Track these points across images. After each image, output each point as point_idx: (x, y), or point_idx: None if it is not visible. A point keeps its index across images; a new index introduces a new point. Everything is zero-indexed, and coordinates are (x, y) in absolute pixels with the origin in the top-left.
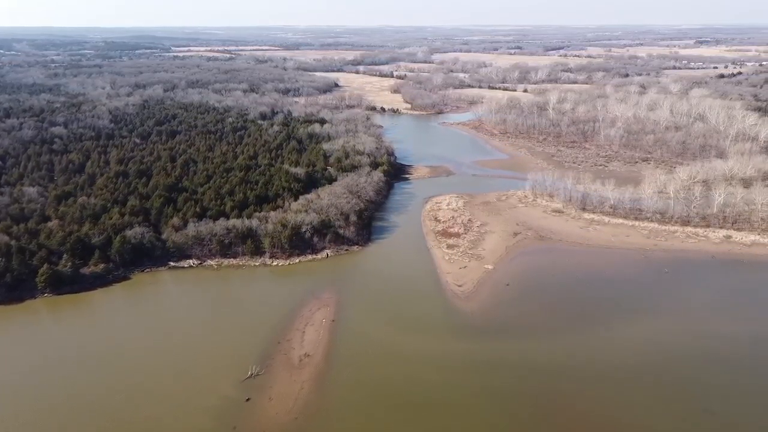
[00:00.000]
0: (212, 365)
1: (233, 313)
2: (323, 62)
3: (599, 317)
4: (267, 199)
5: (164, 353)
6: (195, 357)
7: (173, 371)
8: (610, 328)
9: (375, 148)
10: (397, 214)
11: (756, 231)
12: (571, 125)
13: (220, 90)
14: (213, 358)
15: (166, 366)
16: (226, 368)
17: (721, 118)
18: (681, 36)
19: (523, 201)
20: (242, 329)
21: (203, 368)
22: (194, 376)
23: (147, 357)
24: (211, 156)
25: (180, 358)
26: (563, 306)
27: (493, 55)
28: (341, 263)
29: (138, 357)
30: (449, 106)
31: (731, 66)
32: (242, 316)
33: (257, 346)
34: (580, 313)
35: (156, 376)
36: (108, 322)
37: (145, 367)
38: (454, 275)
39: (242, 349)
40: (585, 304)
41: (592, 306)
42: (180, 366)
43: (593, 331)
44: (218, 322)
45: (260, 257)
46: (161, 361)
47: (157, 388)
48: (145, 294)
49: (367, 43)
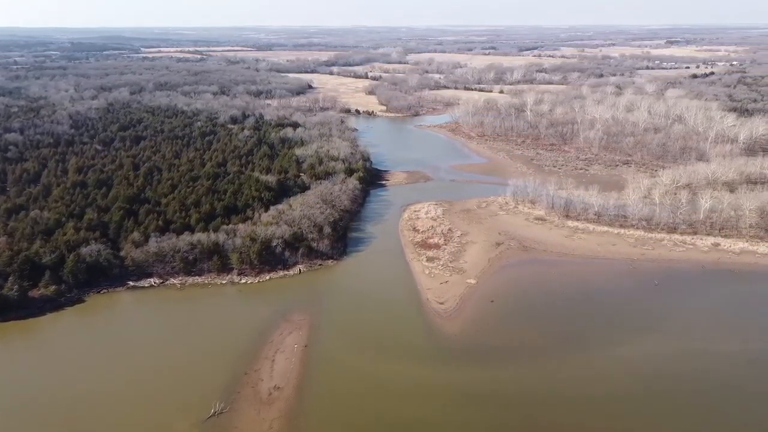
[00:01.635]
0: (171, 402)
1: (196, 340)
2: (296, 63)
3: (589, 337)
4: (236, 210)
5: (117, 389)
6: (152, 393)
7: (126, 411)
8: (601, 350)
9: (350, 153)
10: (374, 224)
11: (744, 238)
12: (550, 127)
13: (189, 92)
14: (172, 394)
15: (118, 405)
16: (187, 405)
17: (699, 119)
18: (651, 36)
19: (505, 208)
20: (206, 358)
21: (161, 406)
22: (150, 416)
23: (97, 394)
24: (177, 163)
25: (135, 394)
26: (551, 325)
27: (468, 56)
28: (315, 280)
29: (87, 394)
30: (425, 108)
31: (703, 66)
32: (206, 343)
33: (222, 377)
34: (569, 333)
35: (107, 417)
36: (56, 352)
37: (94, 406)
38: (435, 291)
39: (205, 382)
40: (574, 322)
41: (581, 324)
42: (135, 404)
43: (584, 353)
44: (179, 350)
45: (228, 274)
46: (113, 398)
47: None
48: (100, 319)
49: (341, 44)
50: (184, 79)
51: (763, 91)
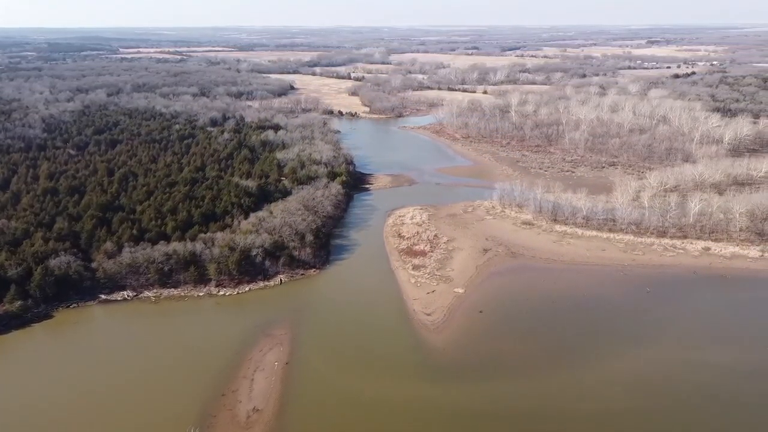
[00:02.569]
0: (142, 428)
1: (171, 358)
2: (278, 64)
3: (582, 350)
4: (214, 217)
5: (85, 413)
6: (122, 417)
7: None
8: (595, 363)
9: (333, 156)
10: (358, 230)
11: (734, 242)
12: (535, 129)
13: (168, 94)
14: (143, 419)
15: (84, 430)
16: (160, 431)
17: (684, 119)
18: (632, 36)
19: (491, 212)
20: (181, 378)
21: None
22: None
23: (62, 418)
24: (154, 168)
25: (104, 418)
26: (542, 337)
27: (451, 56)
28: (296, 291)
29: (54, 419)
30: (409, 109)
31: (684, 66)
32: (181, 361)
33: (198, 399)
34: (561, 345)
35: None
36: (20, 373)
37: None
38: (421, 302)
39: (179, 405)
40: (566, 334)
41: (574, 336)
42: (103, 429)
43: (578, 367)
44: (153, 369)
45: (205, 286)
46: (79, 423)
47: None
48: (69, 336)
49: (324, 44)
50: (163, 81)
51: (745, 91)
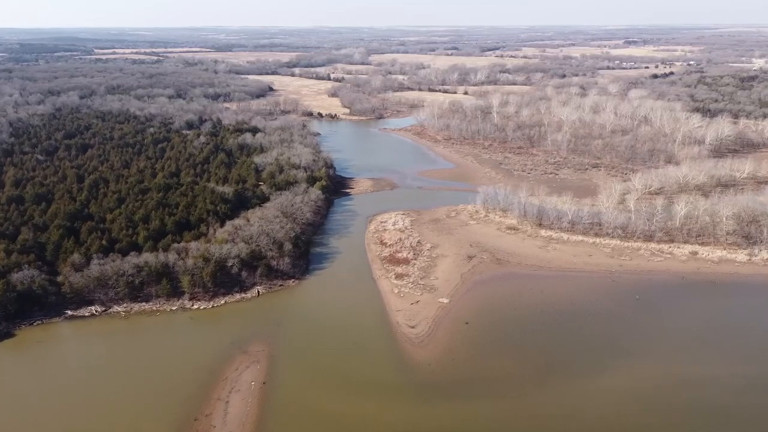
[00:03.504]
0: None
1: (141, 378)
2: (257, 64)
3: (572, 364)
4: (188, 225)
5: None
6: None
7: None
8: (587, 378)
9: (312, 160)
10: (338, 237)
11: (722, 246)
12: (517, 130)
13: (143, 96)
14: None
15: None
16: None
17: (665, 120)
18: (609, 36)
19: (475, 217)
20: (151, 401)
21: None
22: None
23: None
24: (126, 174)
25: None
26: (531, 350)
27: (431, 56)
28: (274, 303)
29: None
30: (389, 111)
31: (662, 66)
32: (152, 382)
33: (169, 424)
34: (550, 359)
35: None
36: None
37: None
38: (405, 313)
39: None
40: (555, 346)
41: (563, 349)
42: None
43: (568, 383)
44: (121, 391)
45: (178, 299)
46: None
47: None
48: (32, 355)
49: (303, 45)
50: (138, 82)
51: (723, 90)
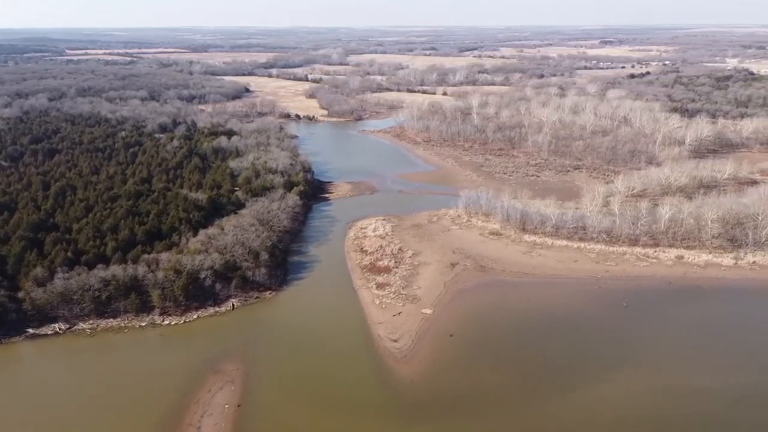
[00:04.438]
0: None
1: (107, 402)
2: (233, 65)
3: (561, 376)
4: (160, 234)
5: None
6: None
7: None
8: (576, 393)
9: (290, 164)
10: (317, 245)
11: (707, 249)
12: (497, 131)
13: (114, 98)
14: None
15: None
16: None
17: (645, 120)
18: (586, 36)
19: (457, 222)
20: (117, 427)
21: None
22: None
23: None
24: (95, 181)
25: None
26: (518, 364)
27: (409, 57)
28: (250, 316)
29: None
30: (368, 112)
31: (638, 66)
32: (119, 406)
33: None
34: (538, 373)
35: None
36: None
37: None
38: (387, 326)
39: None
40: (542, 359)
41: (551, 361)
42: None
43: (557, 398)
44: (85, 416)
45: (148, 315)
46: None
47: None
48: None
49: (281, 45)
50: (110, 84)
51: (700, 90)
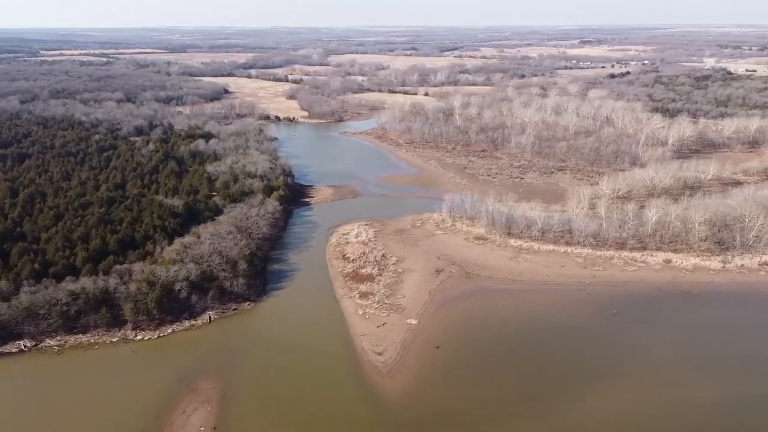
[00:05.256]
0: None
1: (75, 426)
2: (212, 66)
3: (551, 389)
4: (133, 243)
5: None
6: None
7: None
8: (568, 407)
9: (269, 167)
10: (298, 252)
11: (695, 253)
12: (480, 133)
13: (89, 100)
14: None
15: None
16: None
17: (628, 121)
18: (565, 36)
19: (441, 226)
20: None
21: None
22: None
23: None
24: (66, 187)
25: None
26: (507, 376)
27: (390, 57)
28: (228, 330)
29: None
30: (349, 113)
31: (617, 65)
32: (87, 430)
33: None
34: (528, 386)
35: None
36: None
37: None
38: (371, 338)
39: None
40: (532, 371)
41: (541, 373)
42: None
43: (548, 411)
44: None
45: (120, 329)
46: None
47: None
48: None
49: (260, 45)
50: (85, 85)
51: (680, 90)
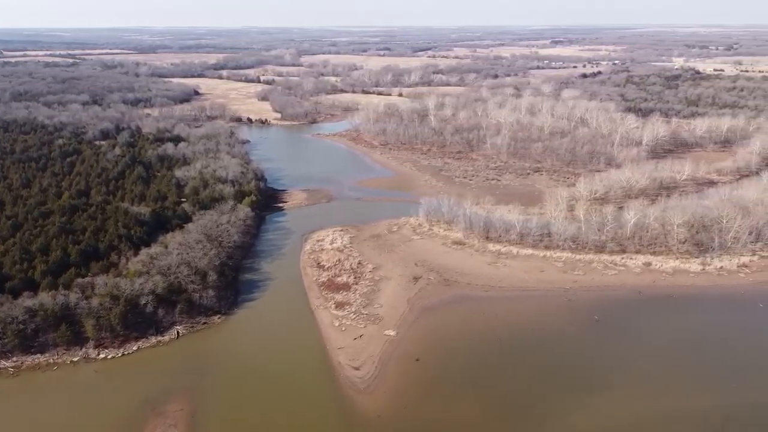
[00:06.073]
0: None
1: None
2: (182, 67)
3: (537, 403)
4: (97, 254)
5: None
6: None
7: None
8: (554, 422)
9: (241, 172)
10: (271, 261)
11: (674, 255)
12: (455, 134)
13: (53, 103)
14: None
15: None
16: None
17: (602, 121)
18: (536, 36)
19: (418, 231)
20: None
21: None
22: None
23: None
24: (26, 195)
25: None
26: (490, 390)
27: (363, 57)
28: (197, 346)
29: None
30: (323, 115)
31: (589, 65)
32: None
33: None
34: (513, 398)
35: None
36: None
37: None
38: (348, 351)
39: None
40: (516, 382)
41: (525, 385)
42: None
43: (534, 427)
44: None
45: (81, 348)
46: None
47: None
48: None
49: (232, 45)
50: (49, 87)
51: (651, 90)
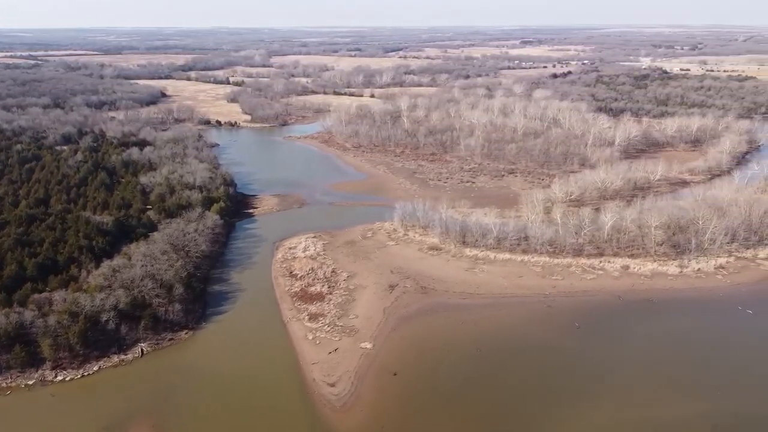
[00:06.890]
0: None
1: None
2: (149, 68)
3: (520, 416)
4: (55, 267)
5: None
6: None
7: None
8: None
9: (209, 177)
10: (241, 271)
11: (652, 258)
12: (429, 135)
13: (12, 106)
14: None
15: None
16: None
17: (575, 121)
18: (506, 37)
19: (393, 236)
20: None
21: None
22: None
23: None
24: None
25: None
26: (471, 404)
27: (334, 58)
28: (162, 364)
29: None
30: (294, 116)
31: (559, 65)
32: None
33: None
34: (495, 412)
35: None
36: None
37: None
38: (322, 366)
39: None
40: (497, 395)
41: (507, 397)
42: None
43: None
44: None
45: (37, 370)
46: None
47: None
48: None
49: (200, 46)
50: (8, 90)
51: (621, 90)
